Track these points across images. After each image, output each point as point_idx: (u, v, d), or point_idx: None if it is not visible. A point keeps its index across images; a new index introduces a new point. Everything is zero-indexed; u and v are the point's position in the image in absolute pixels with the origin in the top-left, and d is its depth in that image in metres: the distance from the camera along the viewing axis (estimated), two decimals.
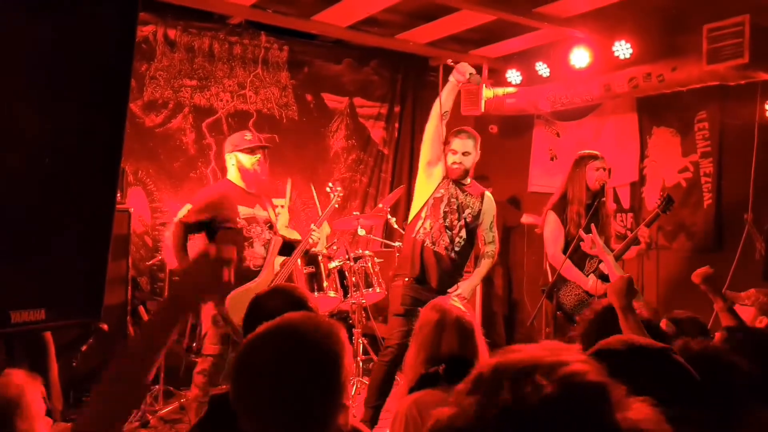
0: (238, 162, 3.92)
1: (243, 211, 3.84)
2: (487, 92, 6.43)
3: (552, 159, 6.92)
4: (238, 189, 3.90)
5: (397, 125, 7.16)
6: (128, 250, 4.65)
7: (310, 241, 4.17)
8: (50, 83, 1.62)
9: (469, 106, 6.56)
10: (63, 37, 1.60)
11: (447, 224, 3.99)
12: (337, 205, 4.61)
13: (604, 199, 4.13)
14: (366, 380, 4.79)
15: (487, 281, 6.58)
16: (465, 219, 4.04)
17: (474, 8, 5.27)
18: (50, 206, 1.70)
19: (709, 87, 5.03)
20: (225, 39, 6.14)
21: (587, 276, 4.12)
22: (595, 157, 4.23)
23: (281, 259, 4.13)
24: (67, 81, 1.65)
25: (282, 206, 5.72)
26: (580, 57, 5.52)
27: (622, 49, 5.23)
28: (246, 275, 3.80)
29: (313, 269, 4.84)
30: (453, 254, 4.02)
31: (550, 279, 4.19)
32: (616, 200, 6.19)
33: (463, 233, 4.04)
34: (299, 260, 5.11)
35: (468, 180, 4.18)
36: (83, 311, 1.83)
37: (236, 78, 6.24)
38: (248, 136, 4.04)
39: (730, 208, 5.38)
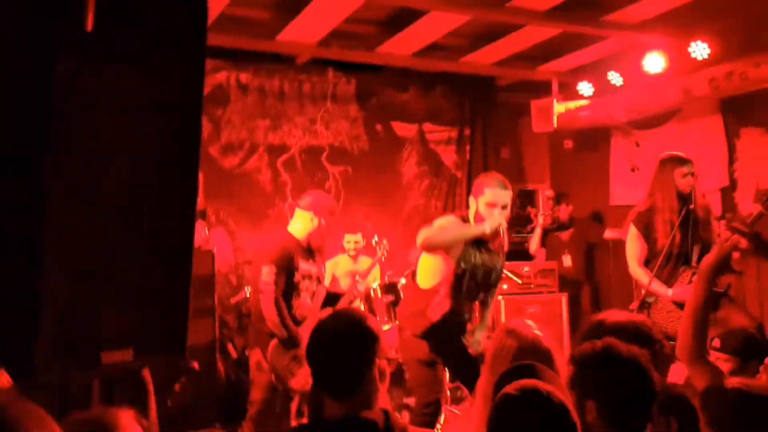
0: (319, 225, 3.87)
1: (302, 266, 3.83)
2: (559, 107, 6.29)
3: (633, 170, 6.67)
4: (298, 243, 3.87)
5: (468, 148, 7.11)
6: (213, 289, 4.78)
7: (355, 292, 4.16)
8: (137, 135, 1.69)
9: (541, 122, 6.44)
10: (145, 88, 1.68)
11: (469, 301, 3.58)
12: (383, 259, 4.55)
13: (692, 206, 3.85)
14: (454, 408, 4.68)
15: (573, 300, 6.36)
16: (488, 285, 3.61)
17: (539, 23, 5.20)
18: (134, 250, 1.76)
19: None
20: (294, 78, 6.31)
21: (673, 287, 3.84)
22: (683, 162, 3.91)
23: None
24: (150, 131, 1.72)
25: (356, 242, 5.68)
26: (654, 62, 5.32)
27: (699, 49, 5.00)
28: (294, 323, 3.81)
29: (393, 297, 4.81)
30: (469, 315, 3.66)
31: (635, 297, 3.96)
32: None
33: (484, 296, 3.66)
34: (379, 290, 5.11)
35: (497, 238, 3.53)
36: (169, 349, 1.87)
37: (307, 114, 6.38)
38: (335, 210, 4.07)
39: None
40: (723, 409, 1.72)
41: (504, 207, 3.43)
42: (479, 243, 3.48)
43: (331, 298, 4.08)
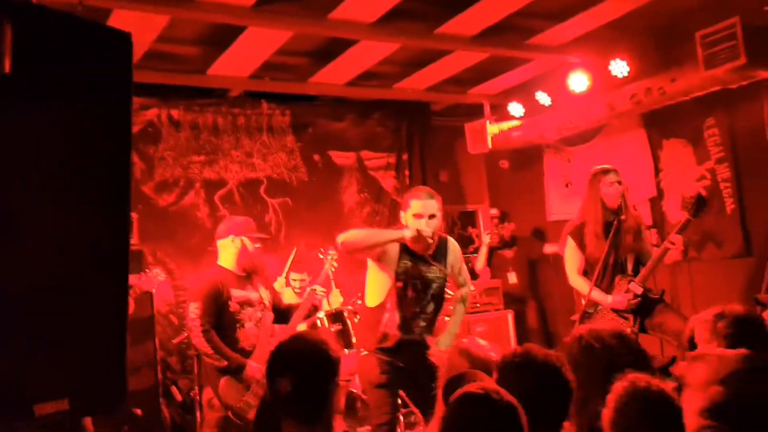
0: (243, 245, 3.89)
1: (236, 294, 3.80)
2: (492, 128, 6.45)
3: (567, 185, 6.87)
4: (230, 273, 3.87)
5: (407, 172, 7.19)
6: (154, 331, 4.64)
7: (315, 301, 4.14)
8: (57, 176, 1.64)
9: (476, 144, 6.59)
10: (64, 130, 1.63)
11: (416, 311, 3.55)
12: (333, 269, 4.54)
13: (623, 216, 4.01)
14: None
15: (519, 316, 6.46)
16: (432, 295, 3.59)
17: (467, 48, 5.35)
18: (63, 296, 1.69)
19: (712, 93, 4.99)
20: (228, 112, 6.27)
21: (611, 295, 3.97)
22: (607, 171, 4.10)
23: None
24: (76, 171, 1.67)
25: (302, 280, 5.62)
26: (578, 81, 5.54)
27: (619, 67, 5.23)
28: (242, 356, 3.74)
29: (341, 326, 4.77)
30: (423, 328, 3.59)
31: (577, 309, 4.08)
32: None
33: (431, 306, 3.62)
34: (326, 319, 5.06)
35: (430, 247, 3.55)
36: (108, 397, 1.80)
37: (243, 148, 6.33)
38: (252, 224, 4.04)
39: (754, 210, 5.27)
40: None
41: (431, 217, 3.49)
42: (413, 255, 3.52)
43: (284, 314, 4.04)
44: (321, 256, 4.64)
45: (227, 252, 3.90)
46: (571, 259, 4.11)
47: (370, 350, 3.53)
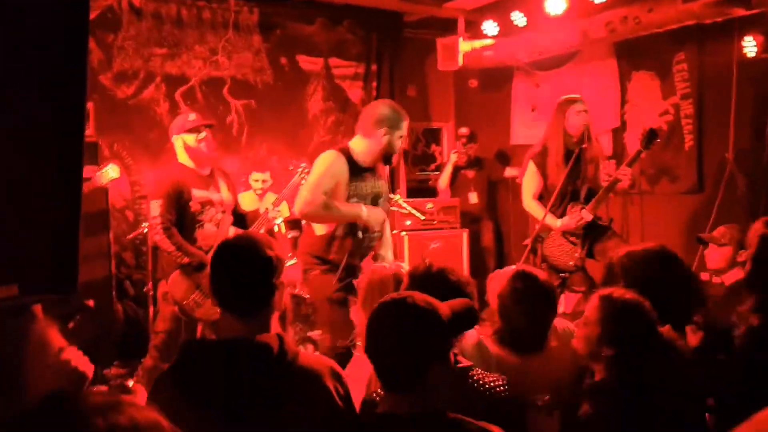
0: (185, 144, 3.83)
1: (197, 194, 3.77)
2: (464, 45, 6.33)
3: (533, 110, 6.87)
4: (192, 171, 3.82)
5: (375, 84, 7.06)
6: (108, 225, 4.59)
7: (270, 216, 4.15)
8: (14, 63, 1.56)
9: (446, 60, 6.47)
10: (22, 11, 1.53)
11: (366, 235, 3.56)
12: (303, 182, 4.49)
13: (585, 146, 4.08)
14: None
15: (475, 236, 6.60)
16: (380, 207, 3.64)
17: None
18: (13, 183, 1.65)
19: (686, 27, 4.98)
20: (192, 4, 5.97)
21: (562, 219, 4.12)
22: (574, 101, 4.15)
23: None
24: (29, 55, 1.59)
25: (264, 180, 5.63)
26: (555, 3, 5.42)
27: None
28: None
29: (298, 233, 4.80)
30: (371, 248, 3.68)
31: (530, 233, 4.20)
32: None
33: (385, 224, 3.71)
34: (283, 226, 5.08)
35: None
36: (57, 285, 1.79)
37: (207, 44, 6.09)
38: (192, 116, 3.94)
39: (711, 149, 5.39)
40: None
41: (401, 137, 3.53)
42: (363, 171, 3.52)
43: (242, 218, 4.06)
44: (291, 170, 4.59)
45: (180, 151, 3.87)
46: (530, 183, 4.19)
47: (322, 270, 3.51)
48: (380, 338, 1.58)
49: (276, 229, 4.61)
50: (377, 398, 1.72)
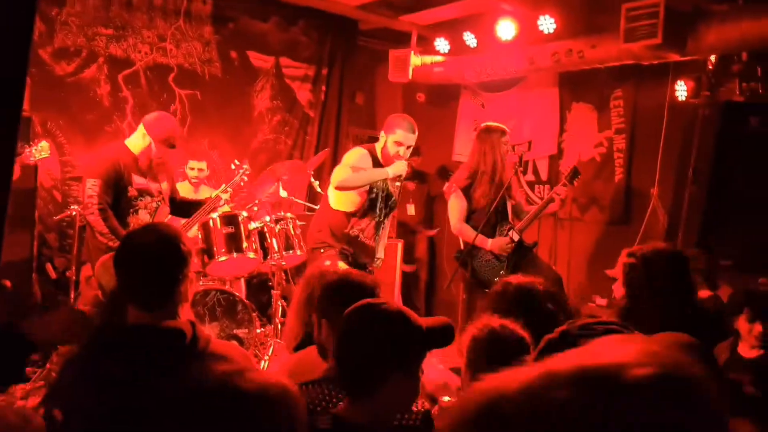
0: (149, 146, 3.79)
1: (137, 180, 3.73)
2: (415, 59, 6.43)
3: (476, 130, 7.02)
4: (133, 157, 3.78)
5: (324, 88, 7.07)
6: (34, 205, 4.43)
7: (220, 203, 4.15)
8: None
9: (397, 72, 6.55)
10: None
11: (379, 220, 4.15)
12: (242, 183, 4.56)
13: (515, 170, 4.33)
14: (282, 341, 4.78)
15: (410, 248, 6.69)
16: (390, 207, 4.21)
17: None
18: None
19: (625, 66, 5.22)
20: None
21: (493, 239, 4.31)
22: (505, 132, 4.39)
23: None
24: None
25: (201, 170, 5.55)
26: (506, 29, 5.59)
27: (547, 23, 5.33)
28: None
29: (233, 229, 4.75)
30: (379, 237, 4.23)
31: (462, 246, 4.33)
32: (536, 172, 6.38)
33: (389, 218, 4.27)
34: (219, 220, 5.01)
35: None
36: None
37: (156, 29, 5.97)
38: (170, 125, 3.91)
39: (638, 183, 5.65)
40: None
41: (408, 148, 4.10)
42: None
43: (179, 206, 4.01)
44: (234, 169, 4.57)
45: (137, 139, 3.82)
46: (457, 206, 4.37)
47: (333, 247, 4.04)
48: (347, 340, 1.59)
49: (211, 223, 4.55)
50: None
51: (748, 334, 2.94)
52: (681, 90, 5.12)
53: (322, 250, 4.07)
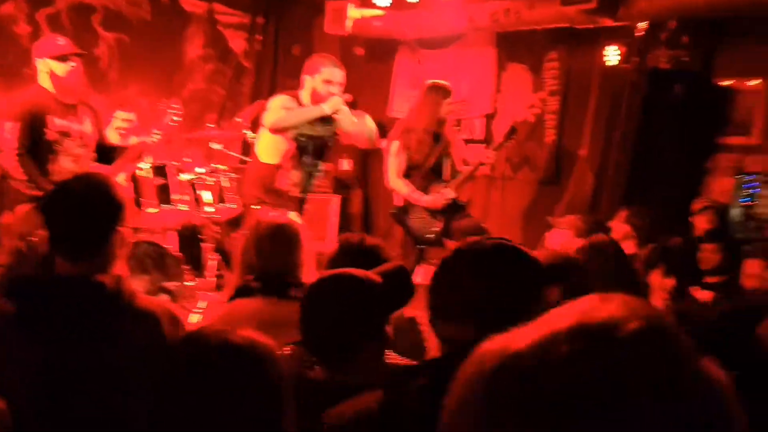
0: (50, 70, 3.57)
1: (57, 122, 3.54)
2: (354, 12, 6.32)
3: (413, 86, 7.02)
4: (50, 97, 3.57)
5: (259, 37, 6.87)
6: None
7: (148, 141, 3.99)
8: None
9: (334, 24, 6.43)
10: None
11: (310, 170, 4.08)
12: (171, 123, 4.34)
13: (453, 127, 4.36)
14: (218, 295, 4.74)
15: (345, 203, 6.69)
16: (324, 151, 4.16)
17: None
18: None
19: (560, 29, 5.30)
20: None
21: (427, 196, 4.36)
22: (448, 92, 4.38)
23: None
24: None
25: (129, 120, 5.32)
26: None
27: None
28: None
29: (164, 180, 4.63)
30: (313, 185, 4.26)
31: (398, 202, 4.37)
32: (471, 131, 6.46)
33: (322, 164, 4.24)
34: (149, 171, 4.86)
35: None
36: None
37: None
38: (61, 41, 3.69)
39: (569, 145, 5.82)
40: None
41: (340, 85, 3.99)
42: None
43: (107, 153, 3.84)
44: (163, 108, 4.37)
45: (44, 76, 3.61)
46: (395, 162, 4.38)
47: (261, 203, 3.93)
48: (316, 314, 1.58)
49: (141, 173, 4.41)
50: None
51: (660, 288, 3.14)
52: (612, 55, 5.26)
53: (258, 207, 3.99)
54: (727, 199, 4.62)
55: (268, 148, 4.06)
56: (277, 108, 3.92)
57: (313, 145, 4.03)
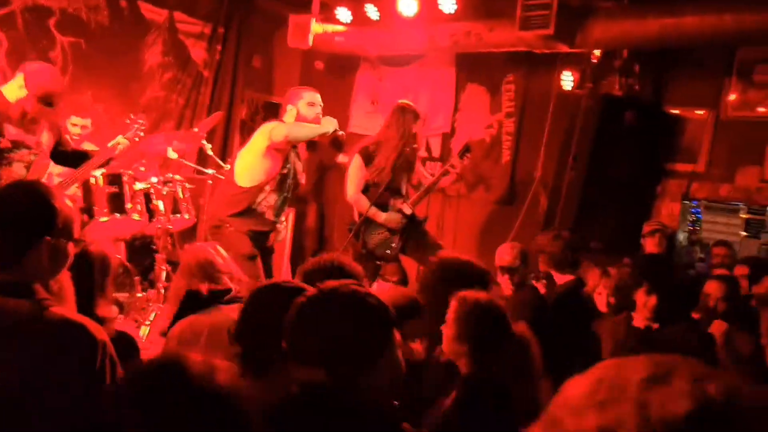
0: (27, 98, 3.47)
1: (11, 131, 3.44)
2: (316, 27, 6.35)
3: (373, 103, 7.07)
4: (9, 107, 3.47)
5: (219, 47, 6.82)
6: None
7: (117, 150, 3.91)
8: None
9: (296, 38, 6.44)
10: None
11: (287, 195, 4.12)
12: (137, 139, 4.25)
13: (415, 147, 4.39)
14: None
15: (300, 216, 6.67)
16: (296, 181, 4.21)
17: None
18: None
19: (519, 53, 5.43)
20: None
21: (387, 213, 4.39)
22: (418, 116, 4.41)
23: None
24: None
25: (84, 126, 5.22)
26: (408, 5, 5.63)
27: (448, 3, 5.42)
28: None
29: (117, 189, 4.53)
30: (284, 211, 4.23)
31: (356, 218, 4.37)
32: (428, 149, 6.53)
33: (292, 192, 4.26)
34: (101, 179, 4.76)
35: None
36: None
37: None
38: (54, 79, 3.61)
39: (524, 166, 5.94)
40: None
41: (319, 105, 4.08)
42: (293, 146, 4.08)
43: (77, 157, 3.73)
44: (129, 123, 4.27)
45: (14, 88, 3.49)
46: (356, 177, 4.38)
47: (240, 230, 3.92)
48: (302, 338, 1.48)
49: (93, 181, 4.31)
50: None
51: (643, 307, 3.19)
52: (567, 80, 5.41)
53: (223, 227, 3.96)
54: (674, 223, 4.79)
55: (251, 172, 3.99)
56: (282, 125, 3.99)
57: (293, 173, 4.10)
